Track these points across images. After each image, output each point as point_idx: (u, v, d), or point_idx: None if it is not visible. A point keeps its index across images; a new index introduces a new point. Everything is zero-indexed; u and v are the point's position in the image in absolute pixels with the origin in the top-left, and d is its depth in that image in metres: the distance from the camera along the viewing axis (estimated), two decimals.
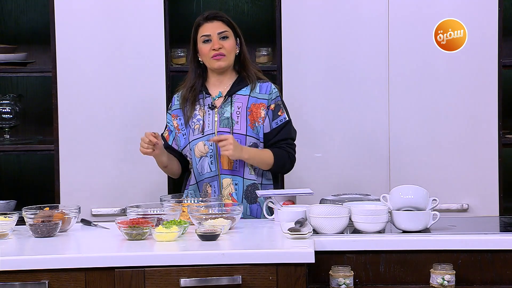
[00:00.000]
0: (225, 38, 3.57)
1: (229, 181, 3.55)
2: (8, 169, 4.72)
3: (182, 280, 2.76)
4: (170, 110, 3.68)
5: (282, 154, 3.56)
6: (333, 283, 2.90)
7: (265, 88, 3.61)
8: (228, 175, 3.55)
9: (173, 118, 3.65)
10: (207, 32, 3.57)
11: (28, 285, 2.75)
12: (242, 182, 3.55)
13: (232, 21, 3.62)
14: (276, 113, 3.60)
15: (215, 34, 3.56)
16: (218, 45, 3.54)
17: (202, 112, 3.58)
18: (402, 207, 3.11)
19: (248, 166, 3.56)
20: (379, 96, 4.29)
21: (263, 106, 3.57)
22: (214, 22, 3.58)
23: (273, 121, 3.59)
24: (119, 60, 4.24)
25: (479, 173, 4.30)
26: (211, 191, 3.55)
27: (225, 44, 3.56)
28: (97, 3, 4.23)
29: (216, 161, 3.54)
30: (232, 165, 3.54)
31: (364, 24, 4.28)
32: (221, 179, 3.55)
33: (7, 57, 4.37)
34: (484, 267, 2.97)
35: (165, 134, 3.69)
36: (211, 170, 3.55)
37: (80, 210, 3.25)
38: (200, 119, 3.57)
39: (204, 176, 3.56)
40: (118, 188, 4.25)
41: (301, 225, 3.01)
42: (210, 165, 3.55)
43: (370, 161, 4.30)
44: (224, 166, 3.55)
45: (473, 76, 4.28)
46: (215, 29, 3.57)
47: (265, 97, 3.59)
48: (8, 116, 4.46)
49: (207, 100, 3.60)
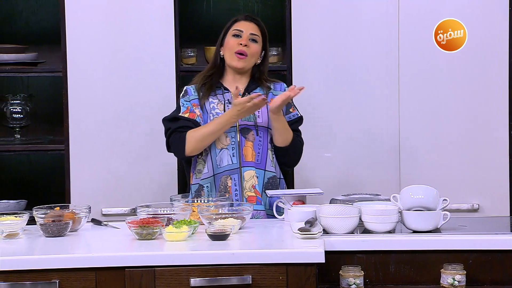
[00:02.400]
0: (254, 41, 3.63)
1: (252, 173, 3.55)
2: (19, 169, 4.73)
3: (192, 280, 2.76)
4: (188, 98, 3.63)
5: (298, 141, 3.64)
6: (343, 283, 2.89)
7: (279, 87, 3.70)
8: (251, 167, 3.55)
9: (194, 107, 3.61)
10: (240, 28, 3.63)
11: (39, 284, 2.76)
12: (263, 175, 3.56)
13: (266, 32, 3.69)
14: (288, 109, 3.67)
15: (247, 32, 3.62)
16: (245, 42, 3.60)
17: (223, 106, 3.60)
18: (412, 207, 3.10)
19: (270, 158, 3.58)
20: (389, 96, 4.28)
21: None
22: (251, 23, 3.66)
23: (286, 116, 3.64)
24: (129, 60, 4.25)
25: (490, 173, 4.29)
26: (231, 184, 3.53)
27: (252, 46, 3.62)
28: (107, 3, 4.23)
29: (238, 153, 3.55)
30: (255, 157, 3.56)
31: (374, 23, 4.27)
32: (243, 171, 3.55)
33: (17, 57, 4.38)
34: (494, 267, 2.96)
35: (186, 115, 3.60)
36: (232, 163, 3.55)
37: (90, 209, 3.26)
38: (219, 113, 3.58)
39: (223, 169, 3.55)
40: (128, 188, 4.26)
41: (311, 225, 3.01)
42: (232, 157, 3.55)
43: (380, 161, 4.30)
44: (247, 158, 3.55)
45: (483, 76, 4.27)
46: (249, 29, 3.64)
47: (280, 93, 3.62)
48: (19, 116, 4.47)
49: (226, 96, 3.62)
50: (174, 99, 4.22)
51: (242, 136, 3.56)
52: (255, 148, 3.56)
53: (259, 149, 3.57)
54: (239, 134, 3.56)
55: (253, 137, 3.57)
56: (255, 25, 3.66)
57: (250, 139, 3.57)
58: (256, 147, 3.56)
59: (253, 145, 3.56)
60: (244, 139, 3.56)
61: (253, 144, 3.56)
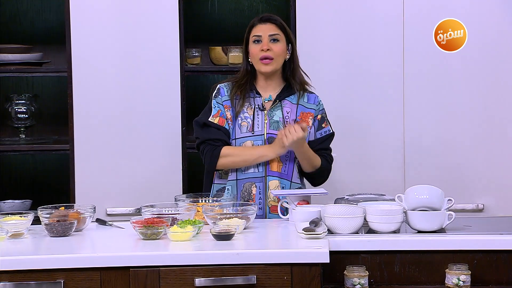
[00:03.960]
0: (276, 41, 3.57)
1: (276, 183, 3.54)
2: (24, 169, 4.74)
3: (197, 280, 2.76)
4: (220, 99, 3.59)
5: (326, 166, 3.62)
6: (348, 283, 2.89)
7: (313, 99, 3.65)
8: (276, 177, 3.54)
9: (226, 109, 3.58)
10: (258, 33, 3.58)
11: (44, 284, 2.76)
12: (289, 186, 3.56)
13: (286, 26, 3.63)
14: (321, 125, 3.64)
15: (266, 36, 3.57)
16: (267, 46, 3.55)
17: (252, 111, 3.58)
18: (417, 207, 3.10)
19: (296, 169, 3.58)
20: (394, 95, 4.28)
21: (311, 116, 3.61)
22: (268, 24, 3.59)
23: (318, 132, 3.63)
24: (134, 60, 4.25)
25: (495, 173, 4.29)
26: (255, 191, 3.53)
27: (275, 47, 3.56)
28: (112, 3, 4.24)
29: (264, 162, 3.54)
30: (281, 168, 3.55)
31: (379, 22, 4.27)
32: (268, 180, 3.54)
33: (22, 57, 4.39)
34: (500, 268, 2.95)
35: (216, 120, 3.56)
36: (258, 171, 3.54)
37: (95, 209, 3.26)
38: (248, 117, 3.57)
39: (248, 175, 3.54)
40: (133, 188, 4.26)
41: (316, 225, 3.01)
42: (258, 165, 3.54)
43: (385, 160, 4.30)
44: (272, 168, 3.54)
45: (489, 75, 4.27)
46: (267, 31, 3.58)
47: (313, 107, 3.63)
48: (24, 116, 4.48)
49: (257, 100, 3.60)
50: (179, 99, 4.23)
51: None
52: (282, 158, 3.54)
53: (286, 160, 3.55)
54: (266, 144, 3.54)
55: None
56: (271, 24, 3.59)
57: None
58: (283, 158, 3.54)
59: (280, 157, 3.54)
60: None
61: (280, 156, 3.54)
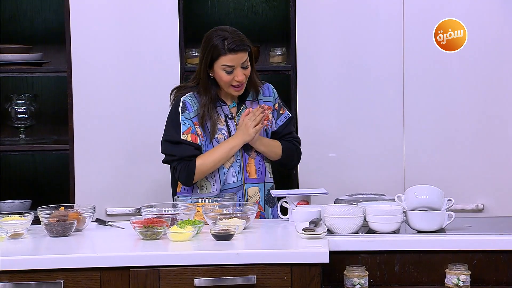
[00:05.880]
0: (246, 67, 3.48)
1: (256, 190, 3.56)
2: (24, 168, 4.74)
3: (197, 280, 2.76)
4: (188, 115, 3.51)
5: (289, 146, 3.61)
6: (348, 283, 2.89)
7: (267, 91, 3.63)
8: (255, 183, 3.56)
9: (195, 126, 3.51)
10: (230, 63, 3.43)
11: (43, 284, 2.76)
12: (263, 187, 3.58)
13: (249, 44, 3.50)
14: (279, 112, 3.64)
15: (238, 66, 3.44)
16: (242, 77, 3.46)
17: (223, 122, 3.55)
18: (417, 207, 3.10)
19: (267, 170, 3.59)
20: (393, 96, 4.28)
21: (270, 109, 3.58)
22: (239, 53, 3.44)
23: (278, 119, 3.63)
24: (134, 60, 4.25)
25: (495, 173, 4.29)
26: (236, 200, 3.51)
27: (246, 72, 3.48)
28: (112, 3, 4.24)
29: (242, 171, 3.54)
30: (257, 173, 3.56)
31: (378, 23, 4.27)
32: (247, 188, 3.55)
33: (22, 57, 4.39)
34: (499, 268, 2.95)
35: (188, 137, 3.48)
36: (237, 180, 3.54)
37: (95, 209, 3.26)
38: (222, 128, 3.53)
39: (228, 186, 3.54)
40: (132, 188, 4.26)
41: (316, 225, 3.01)
42: (237, 175, 3.53)
43: (385, 160, 4.30)
44: (251, 175, 3.56)
45: (489, 75, 4.27)
46: (239, 60, 3.44)
47: (270, 99, 3.62)
48: (24, 116, 4.48)
49: (224, 109, 3.56)
50: None
51: (245, 153, 3.55)
52: (256, 164, 3.56)
53: (260, 165, 3.57)
54: (242, 152, 3.54)
55: (255, 155, 3.56)
56: (242, 53, 3.45)
57: (252, 156, 3.56)
58: (257, 163, 3.57)
59: (255, 161, 3.56)
60: (248, 156, 3.55)
61: (255, 161, 3.56)
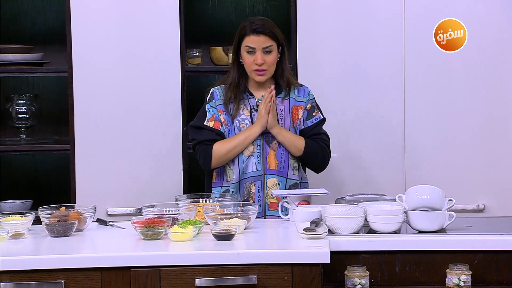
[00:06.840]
0: (269, 52, 3.58)
1: (274, 181, 3.60)
2: (24, 169, 4.73)
3: (198, 280, 2.76)
4: (214, 104, 3.64)
5: (314, 145, 3.65)
6: (349, 283, 2.89)
7: (302, 92, 3.70)
8: (274, 175, 3.60)
9: (220, 113, 3.63)
10: (251, 44, 3.57)
11: (44, 284, 2.76)
12: (285, 182, 3.61)
13: (276, 32, 3.61)
14: (311, 113, 3.68)
15: (259, 48, 3.57)
16: (261, 61, 3.56)
17: (248, 112, 3.63)
18: (418, 207, 3.10)
19: (291, 166, 3.62)
20: (394, 96, 4.28)
21: (301, 108, 3.66)
22: (261, 36, 3.57)
23: (309, 120, 3.67)
24: (135, 60, 4.25)
25: (496, 173, 4.29)
26: (255, 190, 3.59)
27: (268, 58, 3.58)
28: (112, 3, 4.24)
29: (262, 161, 3.59)
30: (277, 166, 3.60)
31: (379, 23, 4.27)
32: (266, 178, 3.59)
33: (23, 57, 4.39)
34: (500, 268, 2.95)
35: (211, 123, 3.62)
36: (256, 170, 3.59)
37: (95, 209, 3.26)
38: (246, 118, 3.62)
39: (248, 175, 3.59)
40: (133, 188, 4.26)
41: (317, 225, 3.01)
42: (256, 164, 3.59)
43: (386, 161, 4.30)
44: (270, 166, 3.60)
45: (489, 75, 4.27)
46: (260, 44, 3.57)
47: (303, 100, 3.68)
48: (24, 116, 4.48)
49: (251, 101, 3.64)
50: (179, 99, 4.23)
51: (266, 144, 3.60)
52: (278, 157, 3.61)
53: (282, 158, 3.61)
54: (263, 142, 3.60)
55: (276, 147, 3.61)
56: (264, 36, 3.58)
57: (273, 148, 3.61)
58: (279, 156, 3.61)
59: (276, 154, 3.60)
60: (268, 148, 3.61)
61: (276, 153, 3.61)
